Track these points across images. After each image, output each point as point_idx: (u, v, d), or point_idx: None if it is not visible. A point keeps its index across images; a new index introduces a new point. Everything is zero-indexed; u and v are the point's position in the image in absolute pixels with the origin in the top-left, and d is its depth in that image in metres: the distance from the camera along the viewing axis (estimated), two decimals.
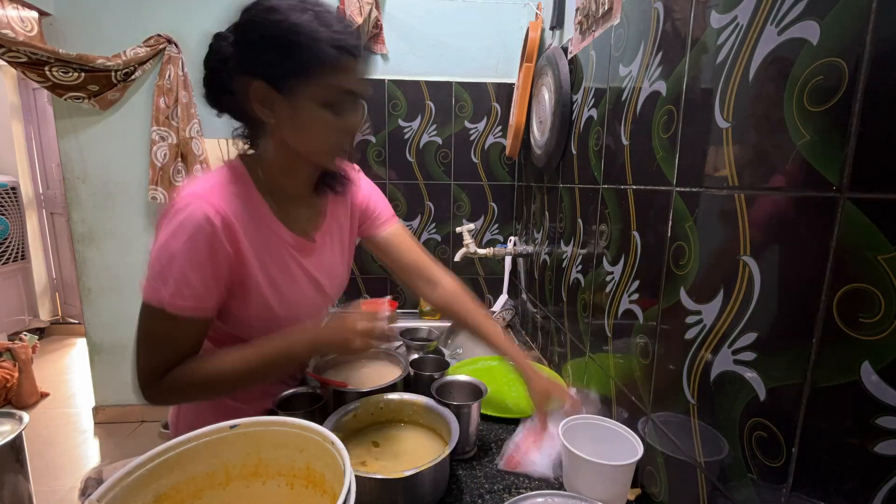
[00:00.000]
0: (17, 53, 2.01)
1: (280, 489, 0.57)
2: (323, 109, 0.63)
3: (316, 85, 0.62)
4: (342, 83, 0.63)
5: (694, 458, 0.59)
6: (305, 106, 0.63)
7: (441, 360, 1.00)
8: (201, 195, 0.64)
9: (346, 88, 0.64)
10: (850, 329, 0.38)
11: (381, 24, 1.58)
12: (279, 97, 0.63)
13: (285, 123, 0.65)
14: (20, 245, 3.54)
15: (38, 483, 1.48)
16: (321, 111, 0.63)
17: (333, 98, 0.64)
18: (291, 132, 0.66)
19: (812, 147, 0.42)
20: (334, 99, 0.64)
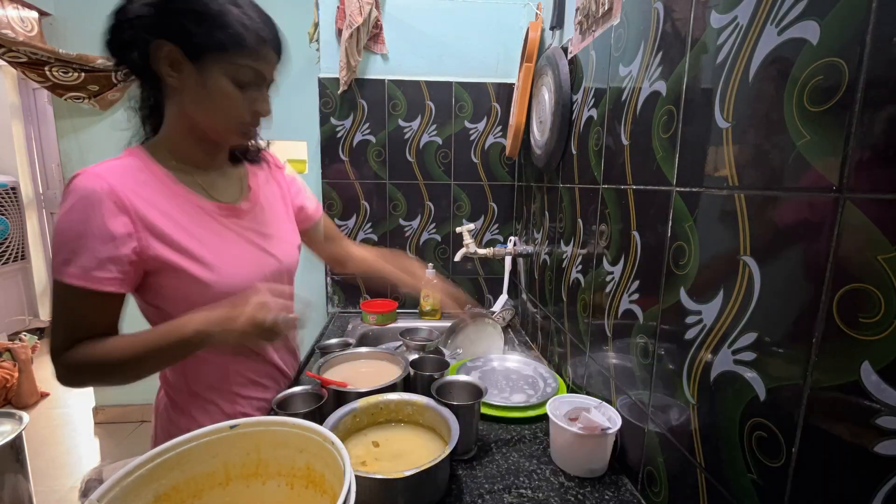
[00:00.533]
0: (17, 53, 2.01)
1: (280, 489, 0.57)
2: (226, 81, 0.67)
3: (228, 62, 0.66)
4: (248, 61, 0.67)
5: (694, 458, 0.59)
6: (214, 77, 0.66)
7: (441, 360, 1.00)
8: (88, 172, 0.65)
9: (257, 70, 0.68)
10: (850, 329, 0.38)
11: (381, 24, 1.58)
12: (189, 63, 0.65)
13: (190, 90, 0.67)
14: (20, 245, 3.54)
15: (38, 483, 1.48)
16: (229, 85, 0.67)
17: (242, 77, 0.67)
18: (194, 100, 0.69)
19: (812, 147, 0.42)
20: (243, 78, 0.67)
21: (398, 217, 1.71)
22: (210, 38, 0.64)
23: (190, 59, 0.65)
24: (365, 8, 1.50)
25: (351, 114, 1.63)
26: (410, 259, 1.08)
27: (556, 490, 0.75)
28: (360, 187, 1.69)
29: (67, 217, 0.63)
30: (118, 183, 0.65)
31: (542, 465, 0.81)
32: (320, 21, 1.60)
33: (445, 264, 1.76)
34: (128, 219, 0.65)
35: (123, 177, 0.67)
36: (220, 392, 0.82)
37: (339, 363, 1.06)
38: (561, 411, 0.82)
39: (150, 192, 0.68)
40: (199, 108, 0.69)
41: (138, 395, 2.61)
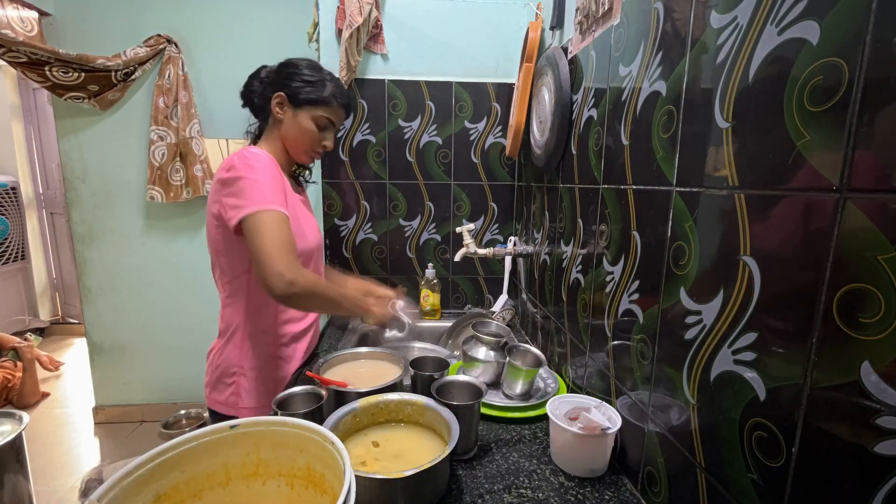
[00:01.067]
0: (17, 53, 2.01)
1: (280, 489, 0.57)
2: (310, 123, 1.04)
3: (313, 109, 1.03)
4: (327, 115, 1.05)
5: (694, 458, 0.59)
6: (301, 117, 1.03)
7: (441, 360, 1.00)
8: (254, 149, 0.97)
9: (329, 118, 1.05)
10: (850, 329, 0.38)
11: (381, 24, 1.58)
12: (290, 105, 1.03)
13: (286, 123, 1.04)
14: (20, 245, 3.54)
15: (38, 483, 1.48)
16: (309, 123, 1.04)
17: (321, 123, 1.05)
18: (287, 129, 1.05)
19: (812, 147, 0.42)
20: (321, 123, 1.05)
21: (398, 217, 1.71)
22: (308, 95, 1.02)
23: (292, 104, 1.02)
24: (365, 8, 1.50)
25: (351, 114, 1.63)
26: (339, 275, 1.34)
27: (556, 490, 0.75)
28: (360, 187, 1.69)
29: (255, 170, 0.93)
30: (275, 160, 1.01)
31: (542, 465, 0.81)
32: (320, 21, 1.60)
33: (445, 264, 1.76)
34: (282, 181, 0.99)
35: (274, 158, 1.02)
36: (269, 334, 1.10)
37: (338, 363, 1.06)
38: (561, 411, 0.82)
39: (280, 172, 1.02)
40: (289, 134, 1.04)
41: (138, 395, 2.61)
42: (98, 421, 2.60)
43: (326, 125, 1.05)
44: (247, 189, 0.91)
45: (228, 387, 1.06)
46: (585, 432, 0.75)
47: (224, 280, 1.05)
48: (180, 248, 2.43)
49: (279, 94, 1.02)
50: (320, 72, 1.05)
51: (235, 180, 0.92)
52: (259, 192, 0.91)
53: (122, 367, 2.58)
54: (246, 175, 0.92)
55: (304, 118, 1.02)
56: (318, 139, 1.05)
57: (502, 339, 1.07)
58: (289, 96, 1.02)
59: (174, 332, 2.54)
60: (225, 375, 1.06)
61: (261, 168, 0.93)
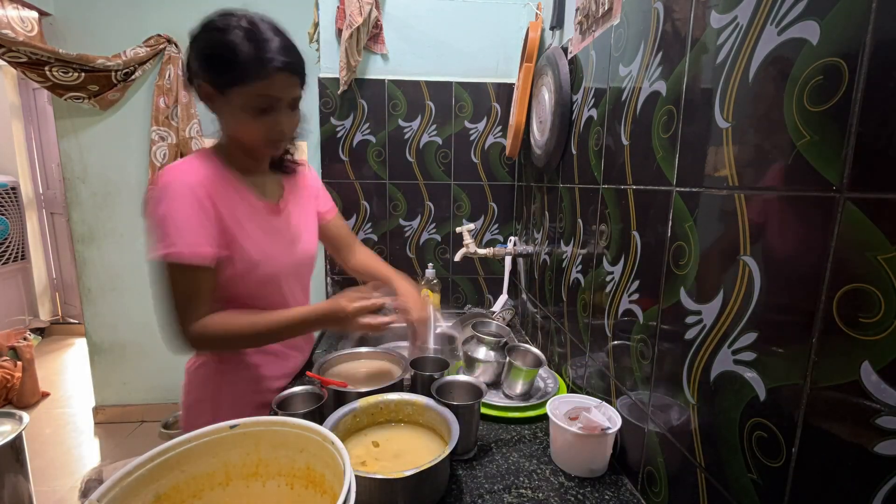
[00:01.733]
0: (17, 53, 2.01)
1: (280, 489, 0.57)
2: (244, 112, 0.77)
3: (240, 91, 0.75)
4: (261, 90, 0.76)
5: (694, 458, 0.59)
6: (234, 107, 0.78)
7: (441, 360, 1.00)
8: (175, 169, 0.80)
9: (265, 94, 0.76)
10: (850, 329, 0.38)
11: (381, 24, 1.58)
12: (218, 95, 0.78)
13: (223, 118, 0.83)
14: (20, 245, 3.54)
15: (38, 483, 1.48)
16: (242, 113, 0.78)
17: (259, 104, 0.77)
18: (226, 125, 0.84)
19: (812, 147, 0.42)
20: (260, 105, 0.77)
21: (398, 217, 1.71)
22: (226, 76, 0.75)
23: (220, 93, 0.77)
24: (365, 8, 1.50)
25: (351, 114, 1.63)
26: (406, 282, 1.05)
27: (556, 490, 0.75)
28: (360, 187, 1.69)
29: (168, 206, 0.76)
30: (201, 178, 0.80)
31: (542, 465, 0.81)
32: (320, 21, 1.60)
33: (445, 264, 1.76)
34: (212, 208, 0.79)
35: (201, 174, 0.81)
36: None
37: (338, 363, 1.06)
38: (561, 411, 0.83)
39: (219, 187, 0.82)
40: (231, 129, 0.83)
41: (138, 395, 2.61)
42: (98, 421, 2.59)
43: (267, 105, 0.77)
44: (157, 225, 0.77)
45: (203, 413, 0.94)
46: (585, 432, 0.75)
47: None
48: None
49: (201, 83, 0.78)
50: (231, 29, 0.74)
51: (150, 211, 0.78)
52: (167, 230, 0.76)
53: (122, 367, 2.58)
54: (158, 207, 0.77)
55: (237, 107, 0.77)
56: (268, 125, 0.79)
57: (502, 339, 1.07)
58: (209, 82, 0.77)
59: None
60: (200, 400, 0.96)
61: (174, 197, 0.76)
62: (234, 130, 0.83)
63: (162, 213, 0.76)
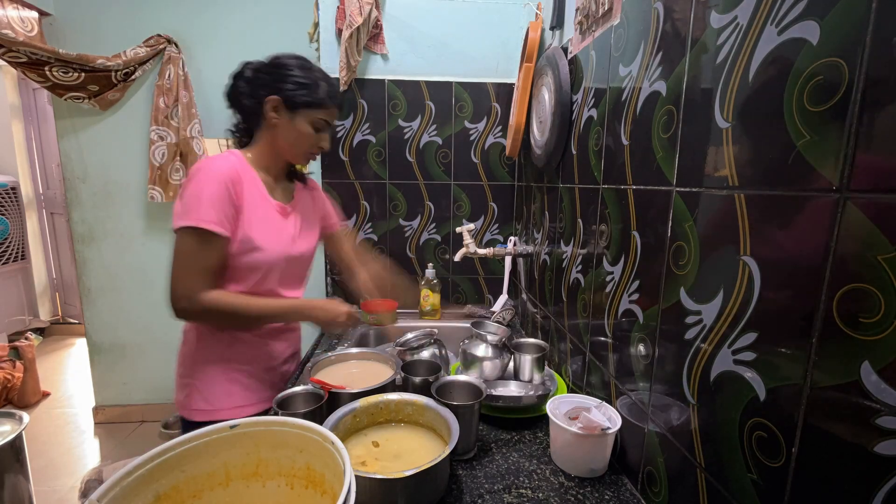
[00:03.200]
0: (17, 53, 2.01)
1: (280, 489, 0.57)
2: (308, 126, 0.99)
3: (309, 112, 0.98)
4: (324, 117, 1.00)
5: (694, 458, 0.59)
6: (300, 121, 0.98)
7: (433, 363, 1.00)
8: (214, 159, 0.94)
9: (326, 120, 1.01)
10: (850, 329, 0.38)
11: (381, 24, 1.58)
12: (285, 109, 0.97)
13: (282, 127, 0.99)
14: (20, 245, 3.54)
15: (38, 483, 1.48)
16: (307, 128, 0.99)
17: (318, 125, 1.00)
18: (283, 134, 0.99)
19: (812, 147, 0.42)
20: (318, 125, 1.00)
21: (398, 217, 1.71)
22: (304, 98, 0.97)
23: (288, 109, 0.97)
24: (365, 8, 1.50)
25: (351, 114, 1.63)
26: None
27: (556, 490, 0.75)
28: (360, 187, 1.69)
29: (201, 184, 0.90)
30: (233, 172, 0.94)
31: (542, 465, 0.81)
32: (320, 21, 1.60)
33: (445, 264, 1.76)
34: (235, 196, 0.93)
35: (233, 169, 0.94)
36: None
37: (329, 364, 1.06)
38: (561, 411, 0.83)
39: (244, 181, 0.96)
40: (286, 139, 1.00)
41: (138, 395, 2.61)
42: (98, 421, 2.59)
43: (323, 126, 1.01)
44: (187, 199, 0.90)
45: (184, 388, 1.03)
46: (585, 432, 0.75)
47: None
48: None
49: (273, 97, 0.95)
50: (313, 71, 0.99)
51: (184, 186, 0.92)
52: (195, 205, 0.89)
53: (122, 367, 2.58)
54: (192, 184, 0.90)
55: (301, 122, 0.98)
56: (316, 141, 1.02)
57: (502, 337, 1.08)
58: (284, 100, 0.96)
59: (174, 332, 2.50)
60: (182, 377, 1.05)
61: (207, 179, 0.90)
62: (287, 139, 1.00)
63: (190, 191, 0.90)
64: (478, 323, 1.14)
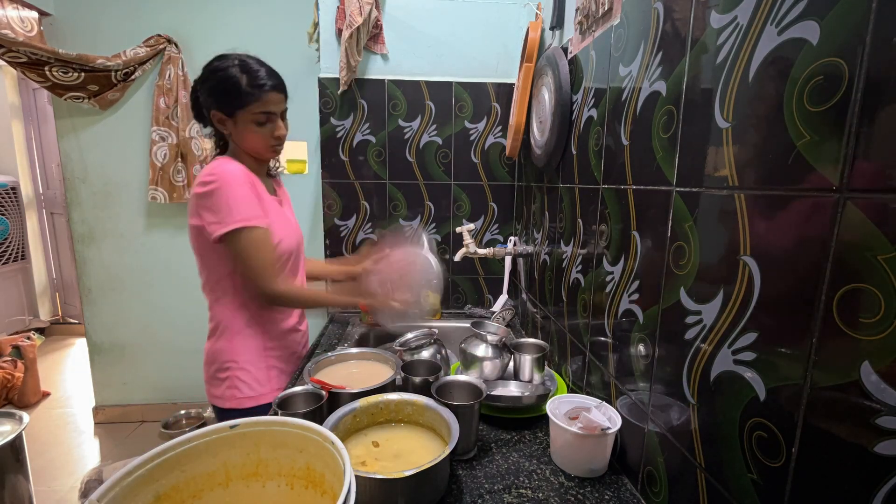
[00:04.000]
0: (17, 53, 2.01)
1: (280, 489, 0.57)
2: (252, 125, 1.01)
3: (250, 112, 0.99)
4: (260, 108, 1.00)
5: (694, 458, 0.59)
6: (241, 125, 1.01)
7: (433, 363, 1.00)
8: (218, 163, 0.99)
9: (264, 111, 1.00)
10: (850, 329, 0.38)
11: (381, 24, 1.58)
12: (228, 119, 1.01)
13: (234, 135, 1.04)
14: (20, 245, 3.54)
15: (38, 483, 1.48)
16: (251, 126, 1.01)
17: (260, 120, 1.01)
18: (238, 140, 1.04)
19: (812, 147, 0.42)
20: (261, 120, 1.01)
21: (398, 217, 1.71)
22: (232, 103, 0.99)
23: (229, 117, 1.00)
24: (365, 8, 1.50)
25: (351, 114, 1.63)
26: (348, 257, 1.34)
27: (556, 490, 0.75)
28: (360, 187, 1.69)
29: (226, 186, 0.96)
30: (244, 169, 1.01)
31: (542, 465, 0.81)
32: (320, 21, 1.60)
33: (445, 264, 1.76)
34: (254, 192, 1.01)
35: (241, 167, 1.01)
36: None
37: (329, 364, 1.06)
38: (561, 411, 0.83)
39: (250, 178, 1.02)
40: (242, 143, 1.04)
41: (138, 395, 2.61)
42: (98, 421, 2.59)
43: (265, 119, 1.01)
44: (223, 205, 0.95)
45: (223, 381, 1.08)
46: (585, 432, 0.75)
47: (210, 283, 1.08)
48: (180, 247, 2.42)
49: (213, 112, 1.01)
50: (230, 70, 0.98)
51: (211, 194, 0.96)
52: (235, 207, 0.95)
53: (122, 367, 2.58)
54: (222, 190, 0.95)
55: (244, 124, 1.00)
56: (268, 134, 1.03)
57: (502, 337, 1.08)
58: (220, 110, 1.00)
59: (174, 332, 2.53)
60: (220, 371, 1.09)
61: (234, 182, 0.96)
62: (244, 143, 1.03)
63: (224, 195, 0.95)
64: (478, 323, 1.14)
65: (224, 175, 0.96)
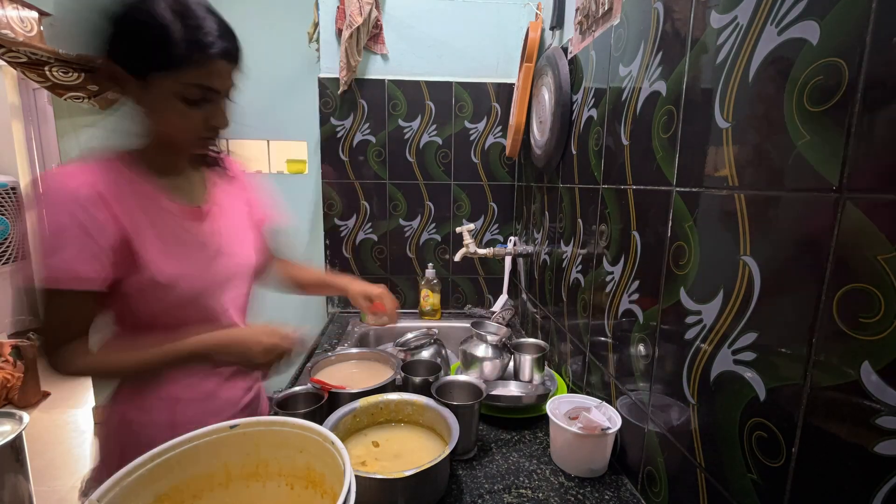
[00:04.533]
0: (17, 53, 2.01)
1: (280, 489, 0.57)
2: (175, 101, 0.64)
3: (174, 80, 0.62)
4: (196, 79, 0.63)
5: (694, 458, 0.59)
6: (157, 95, 0.63)
7: (433, 363, 1.00)
8: (58, 173, 0.65)
9: (208, 86, 0.64)
10: (850, 329, 0.38)
11: (381, 24, 1.58)
12: (133, 80, 0.63)
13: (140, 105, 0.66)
14: (20, 245, 3.53)
15: (38, 483, 1.48)
16: (174, 102, 0.64)
17: (191, 95, 0.64)
18: (146, 114, 0.68)
19: (812, 147, 0.42)
20: (192, 96, 0.64)
21: (398, 217, 1.71)
22: (150, 58, 0.61)
23: (137, 77, 0.62)
24: (365, 8, 1.50)
25: (351, 114, 1.63)
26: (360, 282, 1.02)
27: (556, 490, 0.75)
28: (360, 187, 1.69)
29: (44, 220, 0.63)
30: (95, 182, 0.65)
31: (542, 465, 0.81)
32: (320, 21, 1.60)
33: (445, 264, 1.76)
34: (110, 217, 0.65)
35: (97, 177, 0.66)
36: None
37: (329, 364, 1.06)
38: (561, 411, 0.83)
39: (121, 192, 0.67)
40: (152, 122, 0.68)
41: None
42: (98, 421, 2.59)
43: (201, 96, 0.65)
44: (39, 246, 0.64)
45: None
46: (585, 432, 0.75)
47: None
48: None
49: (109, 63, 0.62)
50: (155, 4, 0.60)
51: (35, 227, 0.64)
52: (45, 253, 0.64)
53: None
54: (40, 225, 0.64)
55: (162, 95, 0.63)
56: (199, 119, 0.66)
57: (502, 337, 1.08)
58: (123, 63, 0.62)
59: None
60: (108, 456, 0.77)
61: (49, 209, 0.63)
62: (155, 122, 0.68)
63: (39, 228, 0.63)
64: (478, 323, 1.14)
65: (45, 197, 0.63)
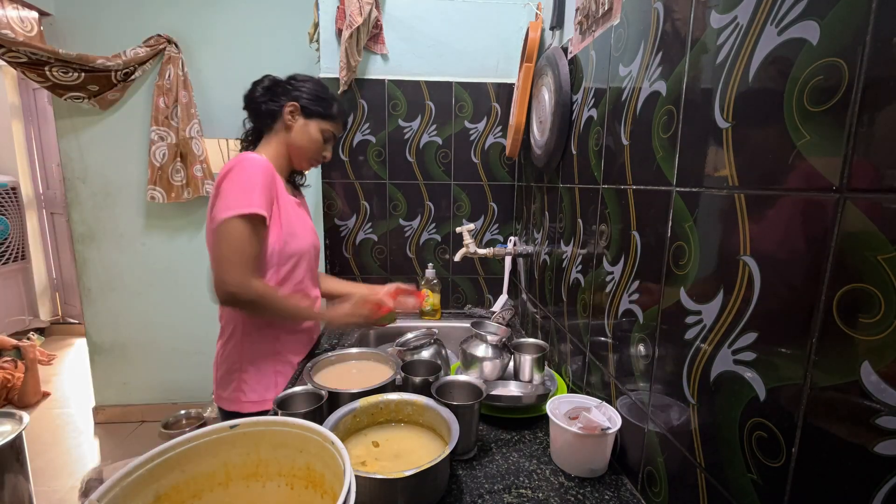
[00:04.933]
0: (17, 53, 2.01)
1: (280, 489, 0.57)
2: (317, 134, 1.13)
3: (323, 125, 1.13)
4: (333, 128, 1.15)
5: (694, 458, 0.59)
6: (312, 127, 1.12)
7: (433, 363, 1.00)
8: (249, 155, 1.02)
9: (334, 133, 1.17)
10: (850, 329, 0.38)
11: (381, 24, 1.58)
12: (302, 117, 1.11)
13: (296, 130, 1.11)
14: (20, 245, 3.54)
15: (38, 483, 1.48)
16: (316, 134, 1.13)
17: (326, 136, 1.15)
18: (295, 137, 1.12)
19: (812, 147, 0.42)
20: (326, 136, 1.15)
21: (398, 217, 1.71)
22: (318, 109, 1.11)
23: (303, 115, 1.10)
24: (365, 8, 1.50)
25: (351, 114, 1.63)
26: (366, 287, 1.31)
27: (556, 490, 0.75)
28: (360, 187, 1.69)
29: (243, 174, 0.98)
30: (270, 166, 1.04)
31: (542, 465, 0.81)
32: (320, 21, 1.60)
33: (445, 264, 1.76)
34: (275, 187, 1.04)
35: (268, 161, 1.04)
36: None
37: (329, 365, 1.06)
38: (561, 411, 0.83)
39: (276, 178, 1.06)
40: (296, 142, 1.12)
41: (138, 395, 2.61)
42: (98, 421, 2.60)
43: (330, 138, 1.15)
44: (231, 192, 0.96)
45: (230, 383, 1.09)
46: (585, 432, 0.75)
47: None
48: (180, 248, 2.42)
49: (292, 103, 1.09)
50: (328, 91, 1.15)
51: (226, 178, 0.98)
52: (241, 194, 0.95)
53: (122, 367, 2.58)
54: (235, 178, 0.97)
55: (314, 129, 1.11)
56: (321, 149, 1.15)
57: (502, 337, 1.08)
58: (302, 107, 1.10)
59: (174, 332, 2.53)
60: (229, 372, 1.10)
61: (251, 171, 0.98)
62: (299, 140, 1.11)
63: (236, 181, 0.96)
64: (478, 323, 1.14)
65: (245, 163, 0.98)
